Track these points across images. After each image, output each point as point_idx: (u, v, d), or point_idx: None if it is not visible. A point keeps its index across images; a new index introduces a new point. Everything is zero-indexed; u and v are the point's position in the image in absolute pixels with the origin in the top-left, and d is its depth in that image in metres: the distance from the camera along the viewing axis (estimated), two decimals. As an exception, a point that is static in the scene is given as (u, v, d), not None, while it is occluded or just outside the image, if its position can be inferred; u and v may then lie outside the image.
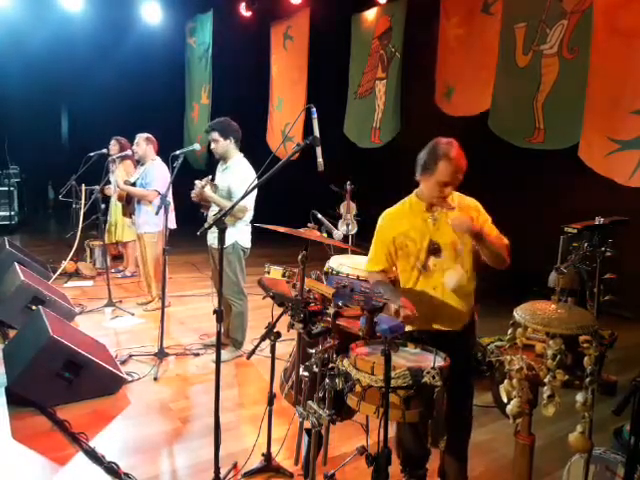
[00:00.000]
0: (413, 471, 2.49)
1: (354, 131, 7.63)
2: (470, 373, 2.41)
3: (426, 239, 2.26)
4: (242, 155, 4.07)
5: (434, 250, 2.26)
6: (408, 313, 2.04)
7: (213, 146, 4.01)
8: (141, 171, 5.13)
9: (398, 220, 2.34)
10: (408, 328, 2.23)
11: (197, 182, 3.93)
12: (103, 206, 5.34)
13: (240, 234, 4.03)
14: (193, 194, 3.97)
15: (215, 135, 3.96)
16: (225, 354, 4.08)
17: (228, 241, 3.99)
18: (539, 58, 5.15)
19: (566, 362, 1.76)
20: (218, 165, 4.23)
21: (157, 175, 4.97)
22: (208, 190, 3.89)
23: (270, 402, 2.62)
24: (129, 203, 5.21)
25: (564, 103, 4.92)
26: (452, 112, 6.15)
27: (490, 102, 5.55)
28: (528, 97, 5.21)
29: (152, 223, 4.97)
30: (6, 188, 9.15)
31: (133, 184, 5.11)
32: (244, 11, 8.46)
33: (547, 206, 5.83)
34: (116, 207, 6.33)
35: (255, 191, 3.79)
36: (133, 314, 5.11)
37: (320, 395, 2.21)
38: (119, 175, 5.82)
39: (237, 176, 3.89)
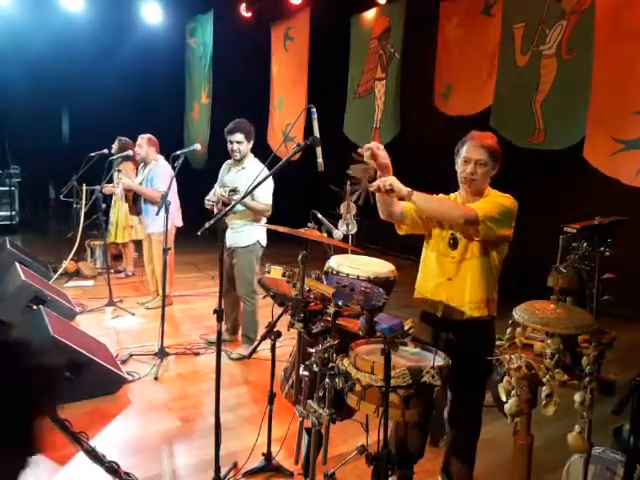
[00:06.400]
0: (401, 469, 2.49)
1: (354, 131, 7.65)
2: (483, 372, 2.40)
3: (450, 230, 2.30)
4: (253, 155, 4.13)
5: (453, 243, 2.29)
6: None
7: (236, 147, 3.97)
8: (145, 172, 5.13)
9: None
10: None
11: (222, 192, 3.95)
12: (104, 206, 5.35)
13: (261, 232, 4.11)
14: (215, 199, 3.98)
15: (240, 137, 3.95)
16: (241, 350, 4.21)
17: (250, 240, 4.08)
18: (538, 59, 5.16)
19: (565, 362, 1.77)
20: (227, 166, 4.22)
21: (162, 176, 4.94)
22: (237, 196, 3.85)
23: (270, 401, 2.63)
24: (135, 203, 5.18)
25: (563, 104, 4.94)
26: (449, 111, 6.16)
27: (487, 102, 5.57)
28: (527, 97, 5.22)
29: (159, 223, 4.96)
30: (7, 188, 9.19)
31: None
32: (244, 12, 8.49)
33: (547, 206, 5.83)
34: (115, 207, 6.34)
35: (272, 188, 3.98)
36: (134, 314, 5.12)
37: (320, 394, 2.22)
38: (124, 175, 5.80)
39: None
